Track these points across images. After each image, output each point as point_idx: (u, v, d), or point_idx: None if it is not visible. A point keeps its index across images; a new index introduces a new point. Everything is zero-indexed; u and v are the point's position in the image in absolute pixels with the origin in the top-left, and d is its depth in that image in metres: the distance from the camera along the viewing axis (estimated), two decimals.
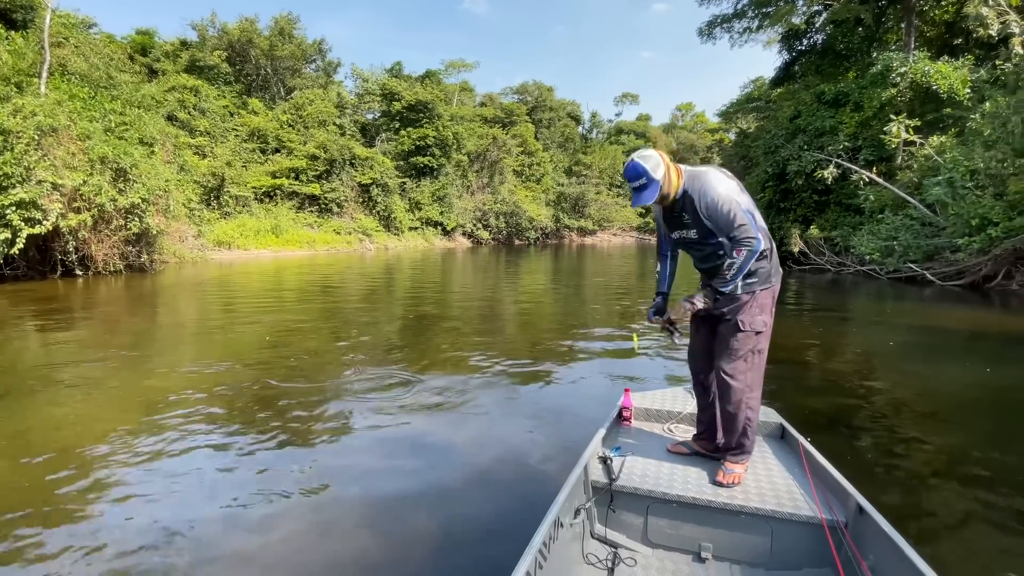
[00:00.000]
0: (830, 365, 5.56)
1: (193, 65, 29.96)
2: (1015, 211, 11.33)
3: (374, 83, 36.39)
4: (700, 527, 1.97)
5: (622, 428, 2.59)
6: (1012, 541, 2.40)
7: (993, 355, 6.26)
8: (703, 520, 1.97)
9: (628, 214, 55.00)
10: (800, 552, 1.85)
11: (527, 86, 50.78)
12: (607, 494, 2.05)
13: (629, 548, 2.01)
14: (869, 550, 1.67)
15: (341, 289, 12.09)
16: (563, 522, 1.81)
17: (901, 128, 15.35)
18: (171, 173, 15.36)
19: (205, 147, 25.91)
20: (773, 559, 1.87)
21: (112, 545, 2.30)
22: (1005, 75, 13.97)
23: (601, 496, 2.07)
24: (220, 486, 2.83)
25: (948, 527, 2.52)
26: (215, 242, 20.72)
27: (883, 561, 1.59)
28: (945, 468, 3.14)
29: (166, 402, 4.07)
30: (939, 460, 3.26)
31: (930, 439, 3.60)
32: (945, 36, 18.74)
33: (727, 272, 2.02)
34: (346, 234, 28.20)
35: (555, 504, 1.76)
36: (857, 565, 1.66)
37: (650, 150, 2.10)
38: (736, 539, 1.93)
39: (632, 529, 2.06)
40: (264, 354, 5.64)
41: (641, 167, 2.04)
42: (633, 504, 2.05)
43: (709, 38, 23.84)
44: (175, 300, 10.26)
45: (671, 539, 2.01)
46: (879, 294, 11.83)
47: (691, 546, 1.97)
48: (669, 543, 2.01)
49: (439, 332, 7.24)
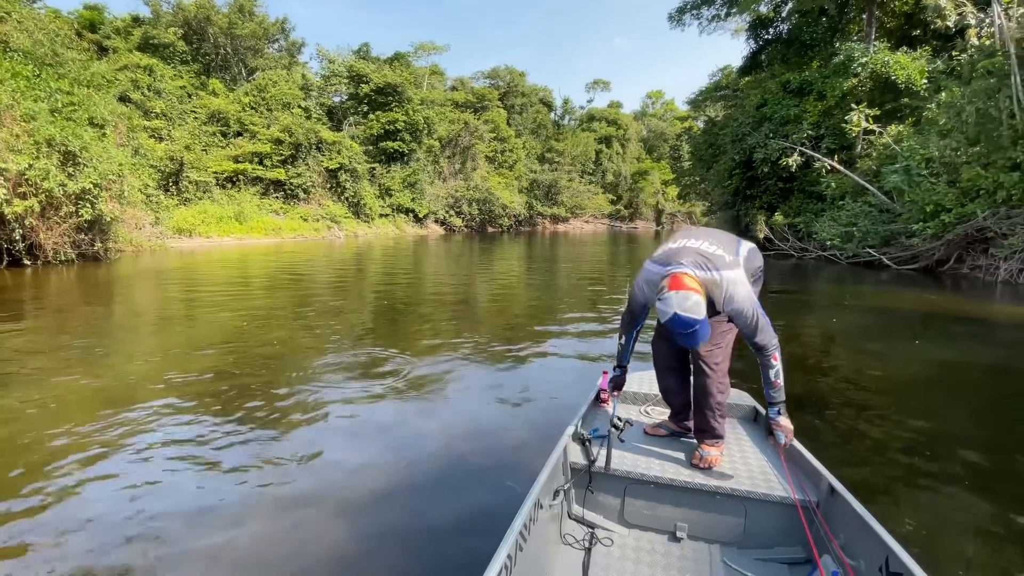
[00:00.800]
0: (793, 348, 5.73)
1: (146, 43, 28.45)
2: (967, 198, 11.88)
3: (341, 65, 35.35)
4: (676, 507, 2.00)
5: (600, 410, 2.61)
6: (968, 507, 2.53)
7: (944, 335, 6.58)
8: (679, 500, 2.00)
9: (600, 201, 55.42)
10: (773, 531, 1.89)
11: (499, 71, 50.19)
12: (586, 475, 2.07)
13: (606, 528, 2.03)
14: (840, 528, 1.71)
15: (310, 277, 11.80)
16: (543, 504, 1.82)
17: (861, 117, 15.83)
18: (125, 157, 14.59)
19: (162, 130, 24.76)
20: (747, 538, 1.91)
21: (72, 545, 2.19)
22: (960, 66, 14.52)
23: (580, 478, 2.09)
24: (183, 481, 2.73)
25: (909, 498, 2.63)
26: (175, 230, 19.90)
27: (853, 538, 1.64)
28: (903, 442, 3.28)
29: (125, 395, 3.90)
30: (897, 435, 3.40)
31: (888, 415, 3.76)
32: (904, 27, 19.33)
33: (777, 381, 1.98)
34: (313, 221, 27.49)
35: (535, 486, 1.77)
36: (828, 543, 1.70)
37: (684, 291, 1.83)
38: (711, 519, 1.96)
39: (609, 510, 2.09)
40: (229, 344, 5.46)
41: (688, 319, 1.81)
42: (611, 485, 2.07)
43: (679, 24, 24.00)
44: (133, 290, 9.82)
45: (647, 519, 2.04)
46: (839, 278, 12.26)
47: (667, 526, 2.01)
48: (645, 523, 2.04)
49: (412, 320, 7.15)
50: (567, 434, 2.18)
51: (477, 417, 3.64)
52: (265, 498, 2.58)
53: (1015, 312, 8.02)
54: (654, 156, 62.83)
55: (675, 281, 1.86)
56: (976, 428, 3.59)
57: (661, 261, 2.04)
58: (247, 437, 3.25)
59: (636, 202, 59.31)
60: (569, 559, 1.87)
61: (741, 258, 2.12)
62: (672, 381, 2.39)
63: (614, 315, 7.35)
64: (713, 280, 1.91)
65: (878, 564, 1.48)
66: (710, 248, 1.99)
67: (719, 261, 1.94)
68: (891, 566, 1.43)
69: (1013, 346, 6.00)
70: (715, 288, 1.91)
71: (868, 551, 1.55)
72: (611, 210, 57.68)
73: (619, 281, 12.10)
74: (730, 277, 1.93)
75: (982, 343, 6.18)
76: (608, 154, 57.75)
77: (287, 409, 3.71)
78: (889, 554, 1.44)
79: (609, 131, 58.29)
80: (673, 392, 2.40)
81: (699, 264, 1.94)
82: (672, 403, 2.42)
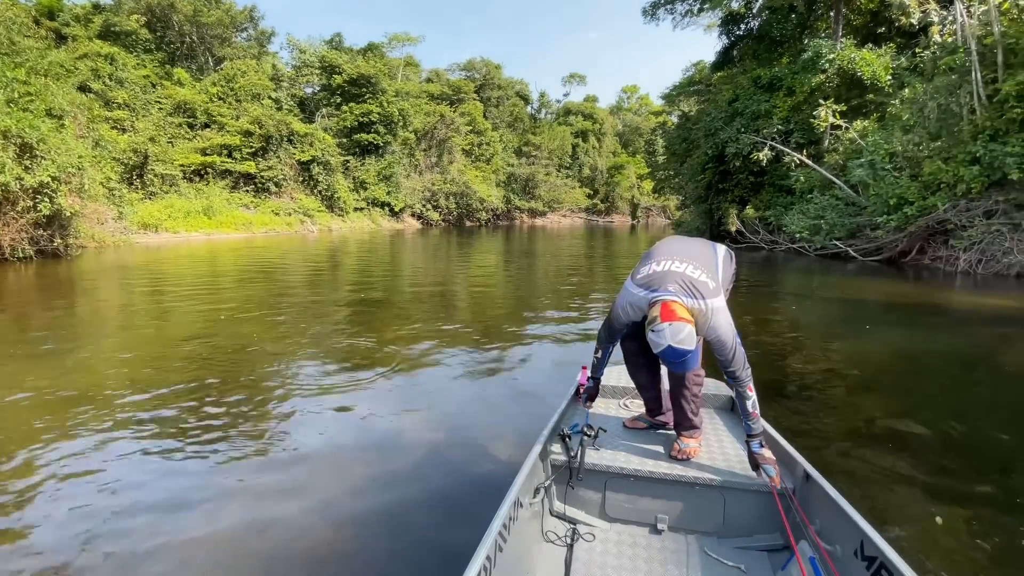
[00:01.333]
0: (764, 337, 5.87)
1: (108, 31, 27.33)
2: (928, 191, 12.30)
3: (312, 55, 34.55)
4: (656, 500, 2.02)
5: (580, 406, 2.57)
6: (931, 485, 2.63)
7: (906, 323, 6.82)
8: (659, 493, 2.01)
9: (577, 195, 55.60)
10: (751, 519, 1.92)
11: (474, 63, 49.76)
12: (566, 472, 2.06)
13: (588, 524, 2.04)
14: (816, 514, 1.75)
15: (282, 273, 11.56)
16: (523, 502, 1.81)
17: (828, 112, 16.24)
18: (85, 149, 14.03)
19: (124, 121, 23.86)
20: (726, 527, 1.94)
21: (38, 544, 2.11)
22: (923, 63, 14.98)
23: (560, 474, 2.08)
24: (153, 478, 2.65)
25: (879, 480, 2.71)
26: (140, 225, 19.21)
27: (829, 524, 1.67)
28: (870, 427, 3.39)
29: (89, 394, 3.76)
30: (861, 419, 3.52)
31: (853, 401, 3.89)
32: (870, 24, 19.84)
33: (755, 412, 1.98)
34: (286, 215, 26.90)
35: (514, 484, 1.75)
36: (805, 529, 1.72)
37: (677, 323, 1.81)
38: (690, 510, 1.98)
39: (591, 505, 2.09)
40: (198, 341, 5.31)
41: (682, 350, 1.81)
42: (592, 480, 2.07)
43: (653, 19, 24.19)
44: (96, 287, 9.46)
45: (628, 513, 2.04)
46: (807, 270, 12.60)
47: (648, 518, 2.02)
48: (627, 517, 2.04)
49: (389, 316, 7.07)
50: (547, 431, 2.16)
51: (455, 414, 3.62)
52: (238, 495, 2.53)
53: (973, 301, 8.37)
54: (629, 150, 63.33)
55: (667, 311, 1.84)
56: (935, 411, 3.74)
57: (645, 284, 2.00)
58: (218, 434, 3.17)
59: (612, 196, 59.74)
60: (551, 556, 1.86)
61: (719, 274, 2.11)
62: (643, 376, 2.39)
63: (592, 310, 7.40)
64: (700, 309, 1.91)
65: (853, 548, 1.51)
66: (695, 273, 1.97)
67: (704, 289, 1.93)
68: (866, 550, 1.46)
69: (971, 334, 6.27)
70: (701, 316, 1.91)
71: (843, 536, 1.57)
72: (588, 204, 57.97)
73: (597, 275, 12.20)
74: (715, 306, 1.93)
75: (941, 331, 6.43)
76: (584, 148, 57.96)
77: (259, 406, 3.63)
78: (864, 538, 1.47)
79: (585, 125, 58.49)
80: (645, 387, 2.41)
81: (687, 291, 1.91)
82: (645, 398, 2.43)
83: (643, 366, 2.37)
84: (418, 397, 3.90)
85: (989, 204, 11.34)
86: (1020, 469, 2.87)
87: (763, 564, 1.81)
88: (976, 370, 4.87)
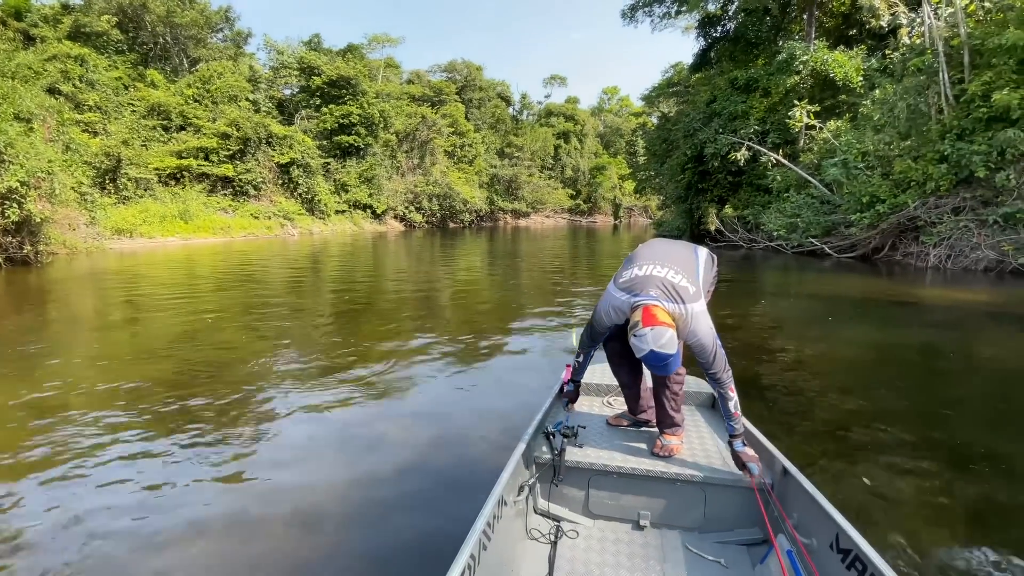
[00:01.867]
0: (741, 333, 5.97)
1: (78, 31, 26.62)
2: (899, 189, 12.65)
3: (290, 56, 34.11)
4: (639, 496, 2.05)
5: (564, 404, 2.61)
6: (903, 474, 2.71)
7: (880, 318, 7.00)
8: (641, 489, 2.04)
9: (560, 196, 55.85)
10: (731, 514, 1.96)
11: (455, 64, 49.62)
12: (550, 470, 2.07)
13: (571, 521, 2.06)
14: (793, 508, 1.79)
15: (262, 278, 11.39)
16: (507, 500, 1.82)
17: (803, 113, 16.60)
18: (55, 153, 13.67)
19: (96, 123, 23.31)
20: (707, 522, 1.98)
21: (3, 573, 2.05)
22: (893, 64, 15.40)
23: (544, 472, 2.09)
24: (127, 499, 2.59)
25: (848, 471, 2.78)
26: (113, 230, 18.76)
27: (806, 518, 1.71)
28: (844, 420, 3.48)
29: (59, 408, 3.66)
30: (838, 414, 3.61)
31: (828, 394, 3.98)
32: (842, 27, 20.33)
33: (736, 412, 2.00)
34: (265, 218, 26.51)
35: (498, 483, 1.76)
36: (783, 523, 1.77)
37: (659, 328, 1.83)
38: (672, 506, 2.02)
39: (574, 502, 2.11)
40: (174, 351, 5.21)
41: (664, 354, 1.84)
42: (575, 477, 2.09)
43: (631, 21, 24.43)
44: (67, 295, 9.22)
45: (612, 509, 2.07)
46: (785, 267, 12.85)
47: (630, 515, 2.05)
48: (610, 513, 2.07)
49: (371, 320, 7.03)
50: (531, 429, 2.18)
51: (439, 415, 3.61)
52: (215, 513, 2.47)
53: (943, 295, 8.62)
54: (611, 151, 63.81)
55: (648, 316, 1.86)
56: (908, 402, 3.85)
57: (628, 288, 2.03)
58: (195, 449, 3.11)
59: (595, 197, 60.10)
60: (535, 554, 1.88)
61: (700, 278, 2.14)
62: (625, 376, 2.42)
63: (576, 309, 7.45)
64: (681, 314, 1.94)
65: (829, 541, 1.55)
66: (676, 278, 2.00)
67: (685, 294, 1.97)
68: (841, 542, 1.50)
69: (941, 327, 6.46)
70: (681, 321, 1.94)
71: (820, 529, 1.62)
72: (571, 205, 58.27)
73: (580, 275, 12.27)
74: (695, 311, 1.96)
75: (913, 325, 6.62)
76: (567, 149, 58.24)
77: (237, 417, 3.57)
78: (839, 531, 1.51)
79: (567, 126, 58.75)
80: (627, 385, 2.43)
81: (668, 296, 1.94)
82: (627, 396, 2.46)
83: (626, 366, 2.39)
84: (402, 399, 3.89)
85: (957, 201, 11.71)
86: (988, 458, 2.97)
87: (743, 558, 1.84)
88: (946, 362, 5.02)
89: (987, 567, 2.04)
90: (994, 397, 4.03)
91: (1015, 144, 10.66)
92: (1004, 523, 2.38)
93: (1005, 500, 2.55)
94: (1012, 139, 10.61)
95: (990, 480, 2.71)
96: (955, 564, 2.06)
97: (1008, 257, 10.40)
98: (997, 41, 11.14)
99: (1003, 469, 2.82)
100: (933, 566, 2.05)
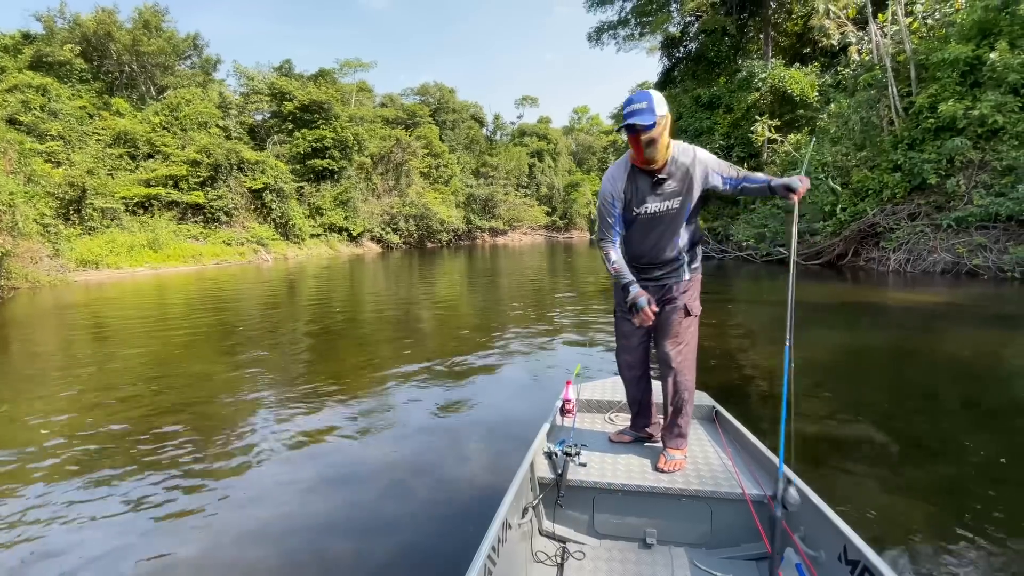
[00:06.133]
0: (717, 341, 6.11)
1: (40, 61, 26.17)
2: (858, 197, 13.20)
3: (261, 82, 34.06)
4: (644, 514, 2.01)
5: (565, 422, 2.58)
6: (886, 475, 2.81)
7: (849, 322, 7.25)
8: (647, 507, 2.01)
9: (536, 213, 56.39)
10: (738, 529, 1.93)
11: (428, 87, 50.19)
12: (554, 490, 2.03)
13: (577, 541, 2.02)
14: (800, 521, 1.76)
15: (235, 305, 11.19)
16: (511, 523, 1.78)
17: (765, 128, 17.25)
18: (16, 185, 13.30)
19: (59, 153, 22.77)
20: (713, 538, 1.96)
21: None
22: (845, 79, 16.18)
23: (548, 493, 2.06)
24: (99, 533, 2.51)
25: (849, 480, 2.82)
26: (79, 262, 18.20)
27: (812, 530, 1.70)
28: (829, 426, 3.58)
29: (21, 450, 3.53)
30: (816, 420, 3.71)
31: (806, 403, 4.09)
32: (796, 46, 21.32)
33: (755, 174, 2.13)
34: (238, 245, 26.08)
35: (502, 505, 1.72)
36: (790, 536, 1.74)
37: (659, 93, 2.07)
38: (678, 522, 1.99)
39: (579, 522, 2.07)
40: (143, 385, 5.07)
41: (647, 95, 2.01)
42: (580, 497, 2.06)
43: (598, 43, 25.19)
44: (31, 330, 8.89)
45: (618, 528, 2.03)
46: (755, 276, 13.20)
47: (637, 533, 2.01)
48: (616, 532, 2.03)
49: (350, 345, 6.96)
50: (533, 449, 2.13)
51: (437, 440, 3.52)
52: (197, 554, 2.37)
53: (904, 297, 8.97)
54: (584, 168, 64.98)
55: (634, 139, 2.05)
56: (878, 405, 3.99)
57: None
58: (171, 486, 3.00)
59: (570, 213, 60.90)
60: None
61: None
62: (635, 388, 2.40)
63: (565, 324, 7.51)
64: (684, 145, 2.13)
65: (837, 553, 1.53)
66: None
67: None
68: (849, 554, 1.48)
69: (903, 327, 6.72)
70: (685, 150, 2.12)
71: (827, 541, 1.59)
72: (547, 221, 58.89)
73: (561, 287, 12.38)
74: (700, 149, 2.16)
75: (878, 328, 6.87)
76: (541, 167, 59.08)
77: (212, 455, 3.44)
78: (847, 542, 1.49)
79: (540, 145, 59.68)
80: (636, 400, 2.41)
81: None
82: (636, 410, 2.43)
83: (638, 377, 2.37)
84: (389, 425, 3.82)
85: (912, 207, 12.26)
86: (955, 455, 3.10)
87: (751, 573, 1.82)
88: (910, 361, 5.22)
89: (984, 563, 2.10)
90: (963, 393, 4.21)
91: (962, 152, 11.27)
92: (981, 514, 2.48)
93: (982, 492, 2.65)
94: (959, 147, 11.21)
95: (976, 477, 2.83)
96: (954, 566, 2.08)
97: (963, 259, 10.90)
98: (940, 55, 11.84)
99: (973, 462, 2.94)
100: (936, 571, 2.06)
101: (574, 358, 5.55)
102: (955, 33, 12.46)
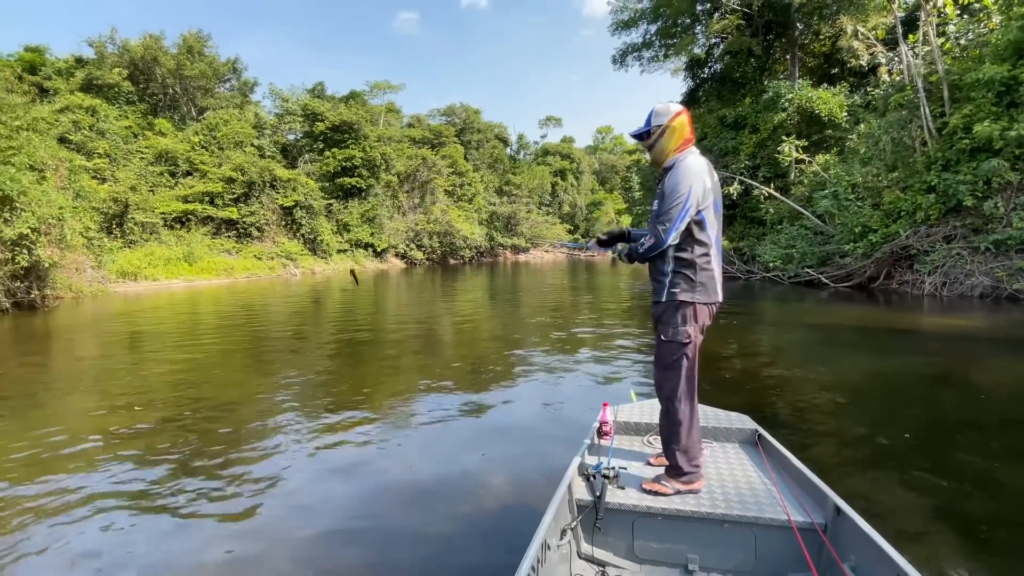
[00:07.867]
0: (747, 363, 6.03)
1: (90, 83, 27.69)
2: (890, 219, 12.92)
3: (295, 103, 35.31)
4: (686, 539, 1.96)
5: (603, 444, 2.54)
6: (944, 511, 2.73)
7: (879, 346, 7.07)
8: (688, 531, 1.96)
9: (558, 231, 56.55)
10: (783, 557, 1.85)
11: (454, 108, 51.30)
12: (592, 512, 2.00)
13: (617, 566, 1.97)
14: (849, 551, 1.69)
15: (265, 318, 11.50)
16: (550, 544, 1.75)
17: (792, 148, 17.10)
18: (65, 200, 14.03)
19: (105, 170, 23.91)
20: (758, 566, 1.88)
21: None
22: (875, 100, 15.99)
23: (587, 515, 2.02)
24: (134, 548, 2.60)
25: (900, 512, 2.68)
26: (118, 273, 19.00)
27: (863, 561, 1.61)
28: (862, 450, 3.52)
29: (65, 452, 3.71)
30: (855, 445, 3.63)
31: (843, 427, 4.01)
32: (824, 66, 21.18)
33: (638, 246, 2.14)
34: (268, 259, 26.85)
35: (541, 526, 1.69)
36: (838, 567, 1.67)
37: (677, 105, 2.17)
38: (721, 549, 1.93)
39: (619, 546, 2.02)
40: (178, 393, 5.26)
41: (650, 114, 2.17)
42: (619, 520, 2.02)
43: (622, 66, 25.41)
44: (73, 339, 9.31)
45: (658, 553, 1.98)
46: (783, 297, 12.96)
47: (678, 559, 1.95)
48: (656, 557, 1.98)
49: (377, 359, 7.09)
50: (571, 470, 2.10)
51: (474, 459, 3.43)
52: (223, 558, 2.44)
53: (941, 322, 8.70)
54: (607, 187, 65.13)
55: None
56: (924, 432, 3.88)
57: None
58: (205, 494, 3.07)
59: (592, 231, 60.95)
60: None
61: None
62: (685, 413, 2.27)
63: (602, 341, 7.51)
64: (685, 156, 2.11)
65: None
66: None
67: None
68: None
69: (941, 354, 6.52)
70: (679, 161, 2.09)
71: (878, 572, 1.52)
72: (569, 240, 58.98)
73: (583, 309, 12.36)
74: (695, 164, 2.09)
75: (915, 353, 6.66)
76: (563, 186, 59.46)
77: (243, 462, 3.51)
78: (899, 574, 1.42)
79: (563, 164, 60.17)
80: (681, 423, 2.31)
81: None
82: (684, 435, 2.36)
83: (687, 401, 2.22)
84: (423, 442, 3.79)
85: (948, 229, 11.94)
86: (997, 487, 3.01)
87: None
88: (950, 389, 5.07)
89: None
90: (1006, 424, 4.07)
91: (999, 173, 10.98)
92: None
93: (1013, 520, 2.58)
94: (996, 168, 10.93)
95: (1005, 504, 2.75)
96: None
97: (1003, 283, 10.54)
98: (975, 76, 11.63)
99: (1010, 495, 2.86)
100: None
101: (604, 378, 5.48)
102: (990, 53, 12.25)
